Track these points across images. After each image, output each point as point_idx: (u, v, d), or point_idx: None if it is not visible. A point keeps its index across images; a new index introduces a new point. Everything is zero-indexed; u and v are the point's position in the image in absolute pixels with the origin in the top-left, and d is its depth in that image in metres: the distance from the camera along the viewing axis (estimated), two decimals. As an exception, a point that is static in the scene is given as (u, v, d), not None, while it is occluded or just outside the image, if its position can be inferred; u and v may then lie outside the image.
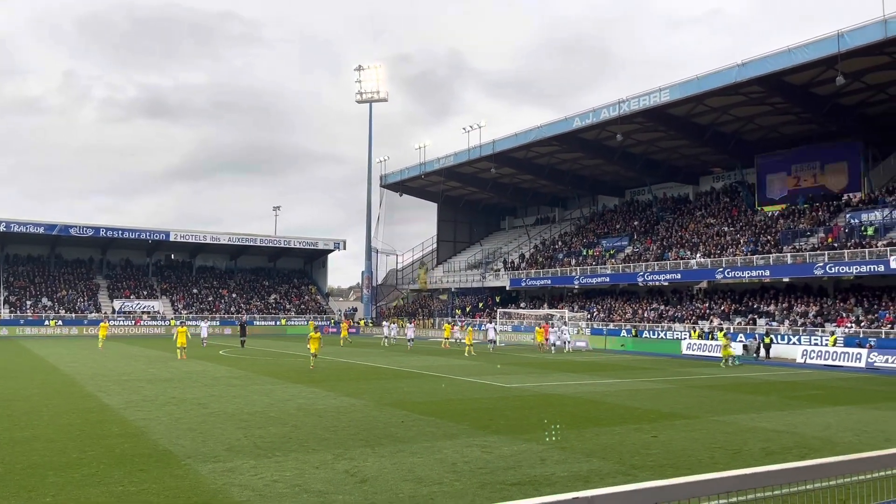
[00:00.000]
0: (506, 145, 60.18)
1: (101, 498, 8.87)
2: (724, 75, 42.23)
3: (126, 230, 72.92)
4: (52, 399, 18.59)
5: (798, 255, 42.87)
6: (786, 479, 4.40)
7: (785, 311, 43.09)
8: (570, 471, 10.68)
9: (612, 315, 53.61)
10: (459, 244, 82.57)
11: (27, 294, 69.69)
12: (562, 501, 3.48)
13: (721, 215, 55.24)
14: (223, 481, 9.77)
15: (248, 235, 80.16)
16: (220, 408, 17.09)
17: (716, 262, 47.43)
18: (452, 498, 9.04)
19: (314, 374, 26.16)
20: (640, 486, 3.80)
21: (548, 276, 60.33)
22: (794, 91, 42.59)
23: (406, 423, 15.05)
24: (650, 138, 54.25)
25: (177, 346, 33.52)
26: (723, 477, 4.11)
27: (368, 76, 77.86)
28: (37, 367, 28.91)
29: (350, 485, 9.64)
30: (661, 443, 13.11)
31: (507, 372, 28.50)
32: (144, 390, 20.57)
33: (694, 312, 48.12)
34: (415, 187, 77.94)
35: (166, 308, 73.59)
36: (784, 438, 13.74)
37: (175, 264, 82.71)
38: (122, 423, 14.77)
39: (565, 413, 16.96)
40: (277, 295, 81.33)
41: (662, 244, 55.45)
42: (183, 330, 34.41)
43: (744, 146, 52.68)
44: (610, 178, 66.32)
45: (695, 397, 20.58)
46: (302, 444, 12.58)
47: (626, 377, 26.96)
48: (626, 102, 48.19)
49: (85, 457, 11.29)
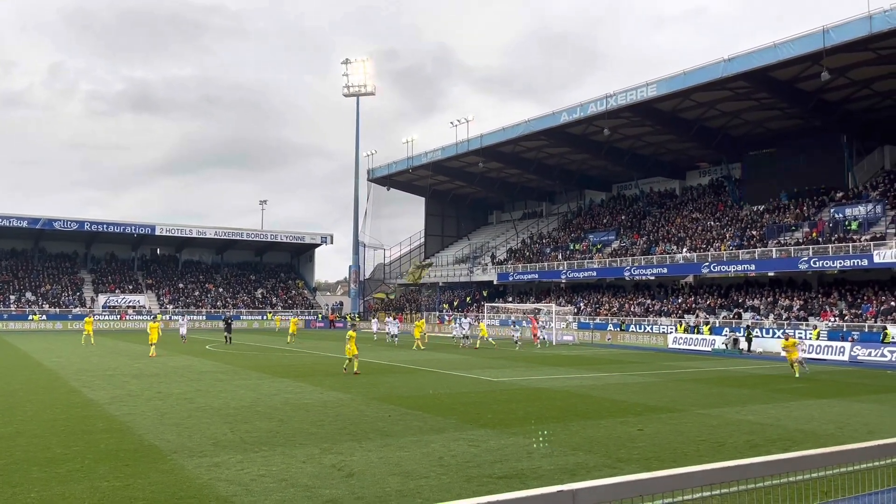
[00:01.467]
0: (493, 140, 60.17)
1: (85, 493, 8.81)
2: (711, 70, 42.39)
3: (111, 224, 72.33)
4: (36, 394, 18.44)
5: (783, 249, 43.20)
6: (769, 472, 4.44)
7: (770, 305, 43.43)
8: (556, 464, 10.72)
9: (598, 309, 53.82)
10: (447, 238, 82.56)
11: (10, 288, 69.01)
12: (546, 494, 3.48)
13: (707, 210, 55.53)
14: (209, 476, 9.73)
15: (235, 230, 79.75)
16: (206, 402, 17.02)
17: (702, 256, 47.70)
18: (439, 491, 9.05)
19: (302, 370, 26.09)
20: (626, 479, 3.82)
21: (535, 270, 60.46)
22: (780, 86, 42.82)
23: (393, 417, 15.05)
24: (637, 133, 54.42)
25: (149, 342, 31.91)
26: (707, 469, 4.14)
27: (356, 69, 77.58)
28: (20, 363, 28.66)
29: (337, 479, 9.64)
30: (647, 436, 13.19)
31: (493, 366, 28.55)
32: (130, 385, 20.45)
33: (680, 307, 48.40)
34: (402, 181, 77.81)
35: (152, 303, 73.12)
36: (768, 431, 13.86)
37: (161, 259, 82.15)
38: (107, 418, 14.68)
39: (552, 407, 17.02)
40: (264, 289, 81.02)
41: (649, 239, 55.69)
42: (154, 325, 32.70)
43: (730, 141, 52.95)
44: (597, 172, 66.50)
45: (681, 391, 20.71)
46: (289, 438, 12.55)
47: (612, 371, 27.09)
48: (613, 97, 48.28)
49: (69, 452, 11.22)
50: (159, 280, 77.62)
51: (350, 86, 77.65)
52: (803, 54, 37.78)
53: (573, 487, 3.57)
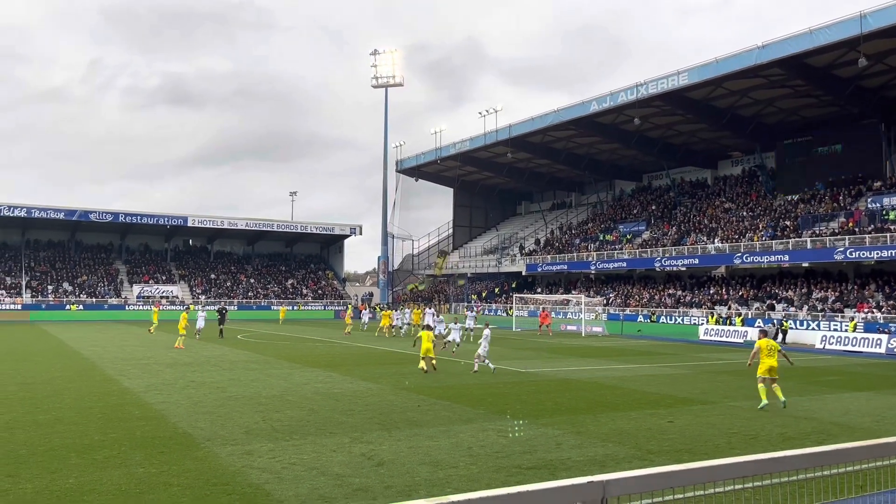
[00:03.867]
0: (522, 130, 59.84)
1: (122, 480, 9.00)
2: (744, 58, 41.64)
3: (144, 216, 73.47)
4: (74, 382, 18.86)
5: (818, 240, 42.42)
6: (803, 465, 4.37)
7: (804, 297, 42.71)
8: (585, 455, 10.69)
9: (628, 300, 53.41)
10: (475, 229, 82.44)
11: (48, 279, 70.55)
12: (578, 485, 3.48)
13: (739, 200, 54.69)
14: (242, 464, 9.88)
15: (266, 221, 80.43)
16: (238, 391, 17.25)
17: (734, 247, 47.03)
18: (468, 481, 9.09)
19: (332, 360, 26.32)
20: (657, 471, 3.79)
21: (564, 261, 60.14)
22: (815, 73, 41.93)
23: (422, 407, 15.12)
24: (668, 122, 53.73)
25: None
26: (740, 462, 4.09)
27: (384, 60, 77.59)
28: (58, 352, 29.32)
29: (367, 468, 9.72)
30: (677, 428, 13.09)
31: (522, 357, 28.50)
32: (164, 374, 20.81)
33: (711, 298, 47.82)
34: (431, 172, 77.79)
35: (185, 293, 74.21)
36: (802, 424, 13.67)
37: (193, 249, 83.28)
38: (142, 406, 14.97)
39: (581, 398, 16.96)
40: (294, 280, 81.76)
41: (680, 229, 55.05)
42: (184, 315, 32.56)
43: (763, 130, 52.02)
44: (627, 162, 65.83)
45: (712, 383, 20.50)
46: (319, 427, 12.68)
47: (642, 362, 26.89)
48: (643, 86, 47.70)
49: (106, 439, 11.46)
50: (192, 270, 78.72)
51: (378, 77, 77.72)
52: (840, 40, 36.91)
53: (604, 479, 3.55)
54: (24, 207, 67.42)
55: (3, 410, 14.19)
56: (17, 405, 14.86)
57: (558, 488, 3.43)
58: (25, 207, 67.52)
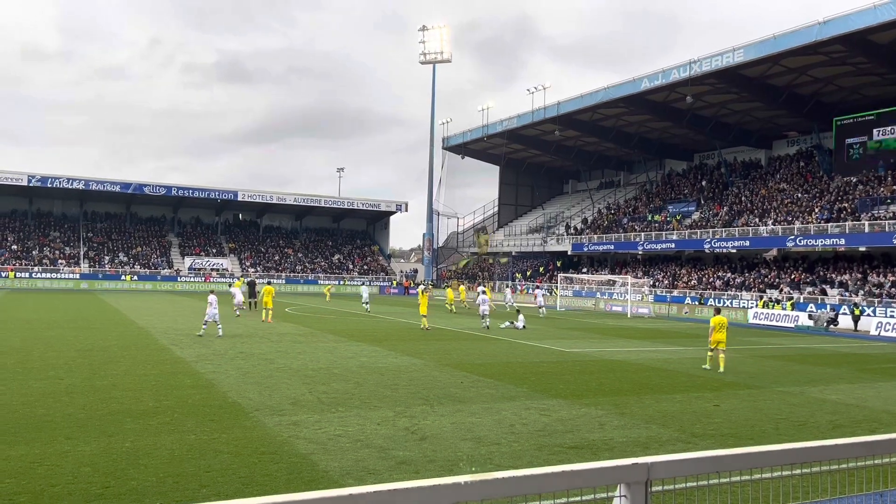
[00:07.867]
0: (571, 107, 59.07)
1: (175, 445, 9.31)
2: (804, 34, 40.27)
3: (196, 189, 75.03)
4: (129, 350, 19.50)
5: (876, 223, 41.05)
6: (854, 454, 4.29)
7: (859, 282, 41.48)
8: (628, 436, 10.66)
9: (676, 282, 52.63)
10: (521, 207, 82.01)
11: (105, 249, 72.79)
12: (622, 466, 3.48)
13: (795, 181, 53.19)
14: (288, 434, 10.12)
15: (313, 196, 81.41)
16: (285, 363, 17.62)
17: (787, 229, 45.85)
18: (510, 458, 9.15)
19: (377, 334, 26.64)
20: (703, 455, 3.76)
21: (611, 241, 59.47)
22: (879, 50, 40.38)
23: (465, 383, 15.22)
24: (721, 101, 52.39)
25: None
26: (788, 449, 4.03)
27: (432, 36, 77.23)
28: (114, 320, 30.30)
29: (410, 441, 9.86)
30: (723, 412, 12.92)
31: (566, 337, 28.41)
32: (214, 345, 21.36)
33: (762, 281, 46.80)
34: (477, 150, 77.46)
35: (234, 266, 75.79)
36: (853, 412, 13.36)
37: (243, 223, 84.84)
38: (193, 375, 15.41)
39: (625, 379, 16.86)
40: (341, 255, 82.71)
41: (731, 210, 53.86)
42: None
43: (822, 109, 50.34)
44: (678, 141, 64.51)
45: (760, 367, 20.13)
46: (364, 401, 12.89)
47: (688, 345, 26.53)
48: (697, 63, 46.55)
49: (160, 406, 11.85)
50: (241, 244, 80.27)
51: (426, 53, 77.45)
52: (907, 15, 35.42)
53: (649, 461, 3.54)
54: (82, 180, 69.51)
55: (63, 375, 14.78)
56: (77, 370, 15.45)
57: (604, 468, 3.44)
58: (83, 180, 69.60)
